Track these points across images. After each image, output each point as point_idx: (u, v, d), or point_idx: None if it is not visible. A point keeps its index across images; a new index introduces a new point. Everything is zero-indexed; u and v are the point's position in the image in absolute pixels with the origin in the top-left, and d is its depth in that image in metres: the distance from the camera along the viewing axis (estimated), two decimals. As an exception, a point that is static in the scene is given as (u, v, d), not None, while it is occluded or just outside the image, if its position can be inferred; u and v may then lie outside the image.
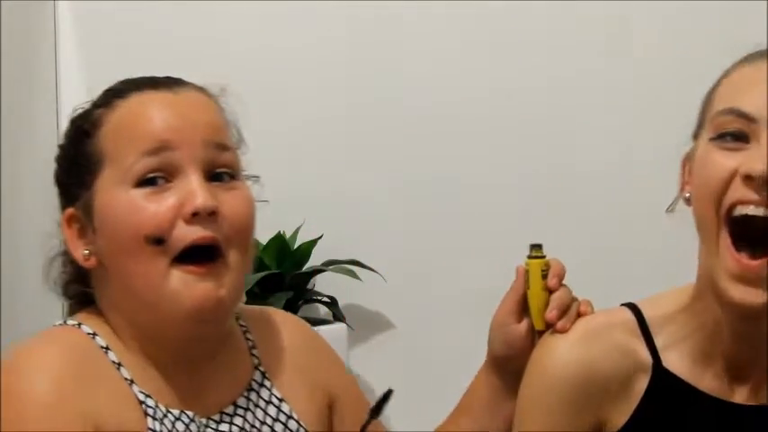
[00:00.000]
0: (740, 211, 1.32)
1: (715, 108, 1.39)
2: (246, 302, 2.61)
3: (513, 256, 2.75)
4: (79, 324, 1.39)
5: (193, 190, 1.35)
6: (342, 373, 1.57)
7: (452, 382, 1.76)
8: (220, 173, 1.39)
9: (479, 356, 1.67)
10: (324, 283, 2.72)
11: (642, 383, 1.41)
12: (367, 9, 2.72)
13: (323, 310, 2.73)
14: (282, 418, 1.45)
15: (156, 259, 1.34)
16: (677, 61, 2.69)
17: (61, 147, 1.44)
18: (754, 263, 1.31)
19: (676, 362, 1.41)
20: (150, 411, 1.34)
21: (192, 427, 1.37)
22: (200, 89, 1.44)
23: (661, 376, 1.41)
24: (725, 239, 1.33)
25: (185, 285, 1.34)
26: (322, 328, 2.65)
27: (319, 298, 2.70)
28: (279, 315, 1.59)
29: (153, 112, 1.37)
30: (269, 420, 1.44)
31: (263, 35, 2.72)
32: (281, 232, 2.65)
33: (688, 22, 2.68)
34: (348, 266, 2.65)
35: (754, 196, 1.31)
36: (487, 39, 2.73)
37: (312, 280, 2.70)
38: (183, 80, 1.44)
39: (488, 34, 2.74)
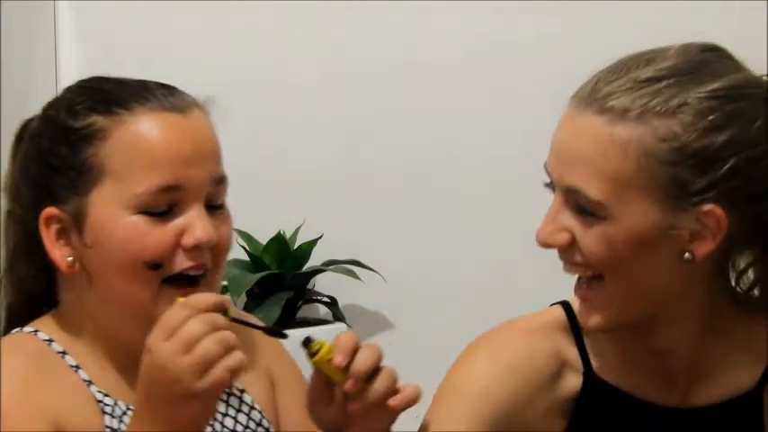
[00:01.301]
0: (566, 270, 1.35)
1: None
2: (246, 302, 2.62)
3: (513, 257, 2.76)
4: (35, 331, 1.41)
5: (197, 222, 1.37)
6: (286, 362, 1.57)
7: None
8: (215, 202, 1.43)
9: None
10: (324, 283, 2.72)
11: (571, 384, 1.40)
12: (368, 9, 2.72)
13: (323, 310, 2.73)
14: (245, 408, 1.47)
15: (149, 282, 1.36)
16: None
17: (44, 139, 1.41)
18: (583, 292, 1.34)
19: (606, 367, 1.39)
20: (108, 409, 1.37)
21: None
22: (200, 106, 1.44)
23: (593, 384, 1.39)
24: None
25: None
26: (322, 328, 2.65)
27: (319, 298, 2.71)
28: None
29: (169, 145, 1.37)
30: (232, 412, 1.46)
31: (264, 34, 2.72)
32: (281, 232, 2.65)
33: (688, 22, 2.68)
34: (348, 266, 2.66)
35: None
36: (488, 41, 2.73)
37: (312, 280, 2.70)
38: (182, 93, 1.43)
39: (489, 36, 2.74)
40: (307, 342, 1.30)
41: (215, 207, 1.42)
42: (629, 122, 1.27)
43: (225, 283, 2.60)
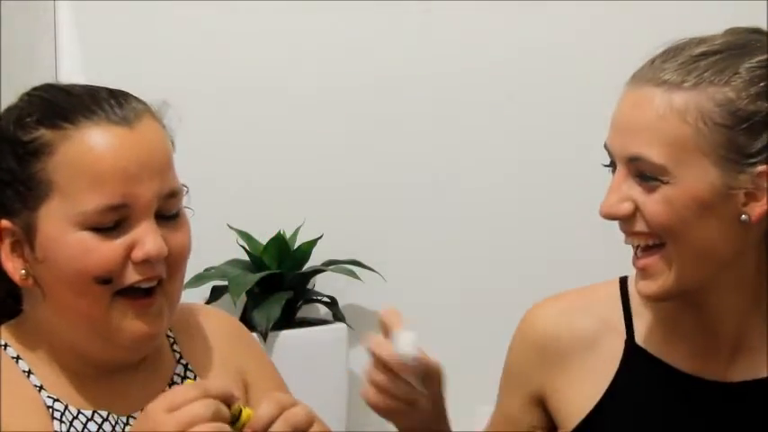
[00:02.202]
0: (628, 241, 1.43)
1: None
2: (247, 302, 2.62)
3: (513, 257, 2.76)
4: None
5: (145, 236, 1.37)
6: (260, 361, 1.57)
7: (452, 382, 1.75)
8: (168, 213, 1.41)
9: (479, 356, 1.68)
10: (324, 283, 2.72)
11: (613, 349, 1.47)
12: (368, 7, 2.72)
13: (323, 310, 2.73)
14: None
15: (100, 296, 1.37)
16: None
17: None
18: (641, 261, 1.41)
19: (650, 338, 1.47)
20: (57, 415, 1.38)
21: (106, 426, 1.40)
22: (150, 113, 1.41)
23: (634, 353, 1.47)
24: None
25: (125, 320, 1.38)
26: (322, 328, 2.66)
27: (319, 298, 2.70)
28: (201, 309, 1.60)
29: (115, 162, 1.36)
30: None
31: (263, 34, 2.72)
32: (281, 232, 2.65)
33: (688, 23, 2.68)
34: (348, 266, 2.66)
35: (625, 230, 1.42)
36: (488, 40, 2.73)
37: (312, 280, 2.70)
38: (131, 102, 1.41)
39: (489, 35, 2.74)
40: (229, 405, 1.30)
41: (168, 217, 1.40)
42: (686, 91, 1.36)
43: (225, 282, 2.60)
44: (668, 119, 1.35)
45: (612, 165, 1.43)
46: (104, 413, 1.41)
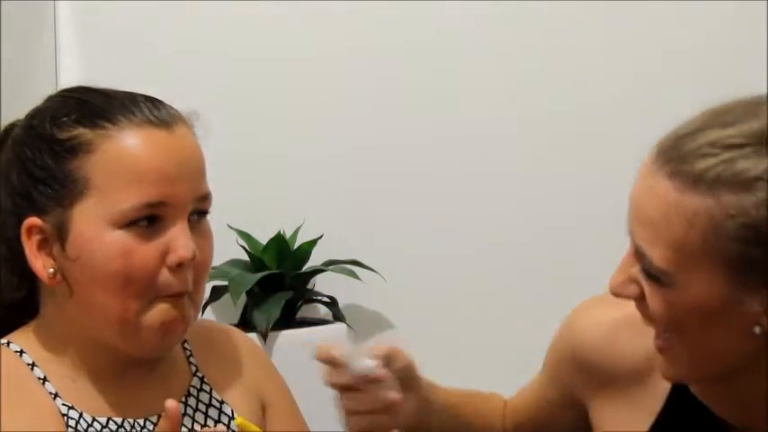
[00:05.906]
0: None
1: None
2: (247, 302, 2.62)
3: (513, 257, 2.76)
4: (8, 343, 1.42)
5: (180, 239, 1.38)
6: (277, 384, 1.58)
7: (452, 382, 1.75)
8: (196, 216, 1.42)
9: (479, 356, 1.68)
10: (324, 283, 2.72)
11: (659, 385, 1.37)
12: (367, 8, 2.72)
13: (323, 310, 2.73)
14: (225, 419, 1.48)
15: (136, 298, 1.37)
16: (677, 61, 2.69)
17: (27, 149, 1.40)
18: (658, 341, 1.32)
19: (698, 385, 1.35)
20: (72, 423, 1.38)
21: None
22: (185, 121, 1.43)
23: (681, 396, 1.36)
24: None
25: (156, 312, 1.38)
26: (322, 328, 2.65)
27: (319, 298, 2.70)
28: (221, 327, 1.63)
29: (154, 162, 1.37)
30: (211, 423, 1.47)
31: (264, 34, 2.72)
32: (281, 232, 2.65)
33: (688, 22, 2.68)
34: (348, 266, 2.66)
35: None
36: (486, 39, 2.73)
37: (312, 280, 2.70)
38: (167, 107, 1.42)
39: (486, 35, 2.74)
40: None
41: (197, 223, 1.41)
42: (699, 192, 1.19)
43: (225, 283, 2.60)
44: (674, 221, 1.20)
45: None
46: (119, 420, 1.41)
